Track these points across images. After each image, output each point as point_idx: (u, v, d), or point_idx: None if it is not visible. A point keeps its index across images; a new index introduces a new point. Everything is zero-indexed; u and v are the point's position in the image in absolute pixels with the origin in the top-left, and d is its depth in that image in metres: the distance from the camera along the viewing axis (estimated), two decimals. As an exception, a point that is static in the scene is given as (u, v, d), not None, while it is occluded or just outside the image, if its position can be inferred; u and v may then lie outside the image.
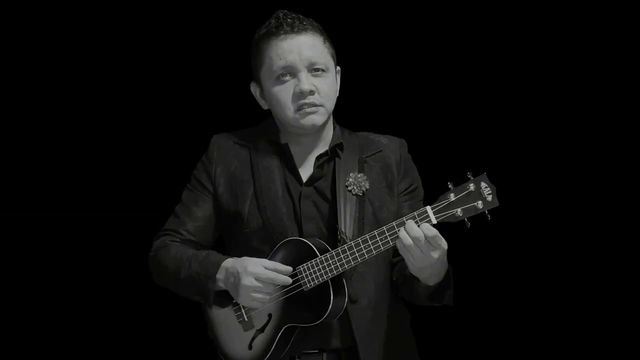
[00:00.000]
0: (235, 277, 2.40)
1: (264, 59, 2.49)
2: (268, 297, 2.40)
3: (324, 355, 2.46)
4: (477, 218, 2.25)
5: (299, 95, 2.45)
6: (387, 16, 3.67)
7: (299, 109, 2.46)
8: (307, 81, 2.45)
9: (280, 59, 2.45)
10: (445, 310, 2.60)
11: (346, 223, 2.44)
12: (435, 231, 2.27)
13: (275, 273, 2.39)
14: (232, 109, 3.63)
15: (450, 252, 2.34)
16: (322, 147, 2.55)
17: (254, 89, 2.58)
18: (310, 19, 2.51)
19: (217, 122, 3.33)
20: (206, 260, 2.47)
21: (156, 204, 3.65)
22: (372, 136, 2.62)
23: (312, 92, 2.45)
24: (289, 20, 2.47)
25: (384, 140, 2.61)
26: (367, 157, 2.55)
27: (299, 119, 2.46)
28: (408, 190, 2.58)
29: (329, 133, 2.57)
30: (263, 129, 2.60)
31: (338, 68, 2.57)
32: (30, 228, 3.80)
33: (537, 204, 3.61)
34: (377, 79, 3.64)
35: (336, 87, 2.55)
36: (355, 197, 2.48)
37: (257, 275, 2.38)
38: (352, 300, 2.45)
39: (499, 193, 2.24)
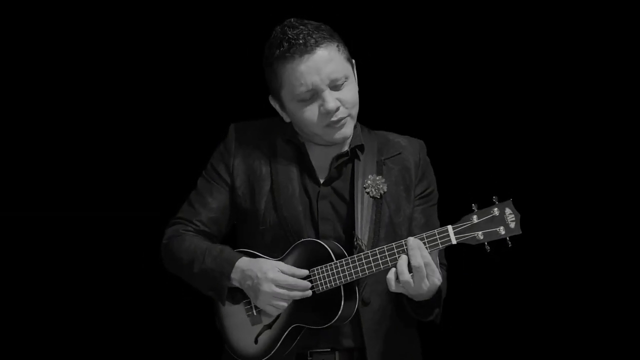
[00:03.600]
0: (253, 280, 2.40)
1: (283, 83, 2.44)
2: (286, 304, 2.40)
3: (337, 354, 2.47)
4: (498, 243, 2.25)
5: (326, 114, 2.42)
6: (411, 18, 3.66)
7: (328, 126, 2.43)
8: (331, 99, 2.41)
9: (302, 83, 2.40)
10: (451, 313, 2.60)
11: (362, 227, 2.43)
12: (429, 259, 2.28)
13: (295, 279, 2.39)
14: (234, 109, 3.58)
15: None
16: (342, 147, 2.53)
17: (274, 103, 2.54)
18: (320, 24, 2.44)
19: (217, 123, 3.33)
20: (220, 257, 2.46)
21: (156, 204, 3.67)
22: (392, 137, 2.60)
23: (337, 109, 2.42)
24: (300, 40, 2.38)
25: (403, 142, 2.59)
26: (386, 159, 2.54)
27: (330, 135, 2.45)
28: (423, 194, 2.57)
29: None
30: (281, 124, 2.56)
31: (353, 61, 2.51)
32: (30, 228, 3.77)
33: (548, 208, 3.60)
34: (396, 78, 3.63)
35: (356, 86, 2.50)
36: (372, 199, 2.47)
37: (277, 282, 2.38)
38: (364, 303, 2.45)
39: (521, 213, 2.24)
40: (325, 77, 2.40)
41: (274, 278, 2.37)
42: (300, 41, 2.38)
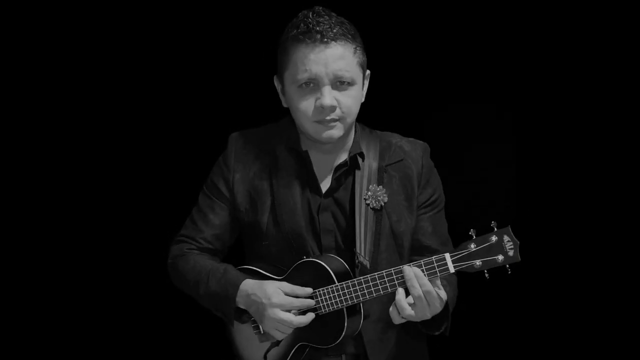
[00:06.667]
0: (258, 306, 2.41)
1: (289, 63, 2.42)
2: (291, 329, 2.41)
3: (343, 357, 2.49)
4: (497, 270, 2.24)
5: (320, 109, 2.40)
6: (413, 17, 3.61)
7: (318, 122, 2.42)
8: (329, 96, 2.39)
9: (306, 69, 2.38)
10: (461, 328, 2.60)
11: (363, 240, 2.43)
12: (428, 287, 2.28)
13: (300, 301, 2.39)
14: (233, 111, 3.62)
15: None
16: (342, 154, 2.53)
17: (277, 84, 2.53)
18: (345, 21, 2.43)
19: (216, 125, 3.30)
20: (224, 279, 2.47)
21: (156, 204, 3.72)
22: (395, 139, 2.57)
23: (333, 108, 2.41)
24: (318, 28, 2.37)
25: (406, 146, 2.56)
26: (387, 165, 2.52)
27: (317, 132, 2.44)
28: (428, 202, 2.55)
29: (349, 138, 2.53)
30: (283, 131, 2.56)
31: (367, 72, 2.51)
32: (30, 228, 3.74)
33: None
34: (398, 79, 3.57)
35: (361, 97, 2.48)
36: (372, 210, 2.46)
37: (283, 307, 2.38)
38: (363, 317, 2.44)
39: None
40: (331, 72, 2.39)
41: (279, 303, 2.38)
42: (319, 28, 2.38)
